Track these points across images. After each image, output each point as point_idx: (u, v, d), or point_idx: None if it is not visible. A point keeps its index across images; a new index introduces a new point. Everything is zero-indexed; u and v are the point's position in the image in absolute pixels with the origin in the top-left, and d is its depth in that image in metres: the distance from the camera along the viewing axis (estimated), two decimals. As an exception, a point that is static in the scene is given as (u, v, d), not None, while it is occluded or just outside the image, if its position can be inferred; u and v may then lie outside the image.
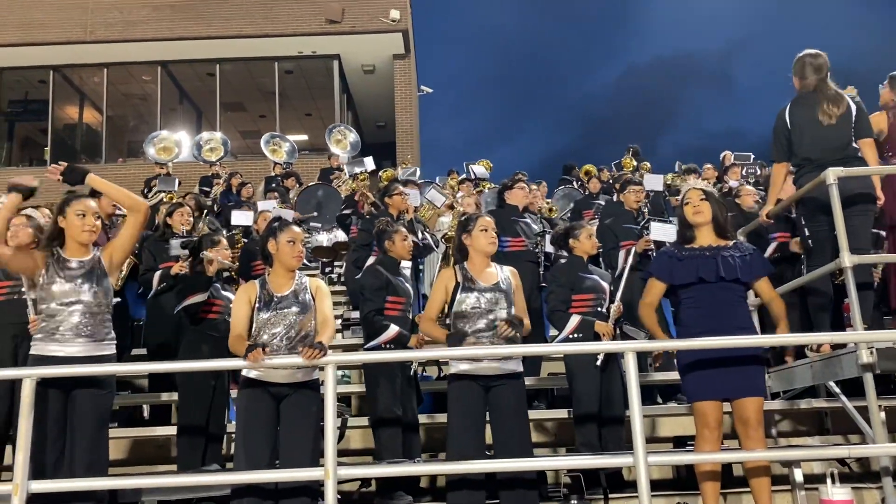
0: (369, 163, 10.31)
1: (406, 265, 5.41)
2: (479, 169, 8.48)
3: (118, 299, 5.88)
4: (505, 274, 4.00)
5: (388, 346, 4.73)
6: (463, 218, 4.26)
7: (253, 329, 3.73)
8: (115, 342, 3.77)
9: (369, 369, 4.86)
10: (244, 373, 3.70)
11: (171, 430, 5.20)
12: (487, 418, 3.84)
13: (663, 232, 5.67)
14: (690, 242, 3.75)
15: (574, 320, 4.71)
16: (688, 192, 3.79)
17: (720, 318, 3.58)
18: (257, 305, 3.74)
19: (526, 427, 3.86)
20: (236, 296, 3.91)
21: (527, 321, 3.94)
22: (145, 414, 6.16)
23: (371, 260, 5.51)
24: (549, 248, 6.12)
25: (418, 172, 11.50)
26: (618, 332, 4.96)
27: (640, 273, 5.67)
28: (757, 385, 3.58)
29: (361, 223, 6.76)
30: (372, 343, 4.79)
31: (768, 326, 5.35)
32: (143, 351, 6.29)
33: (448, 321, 3.98)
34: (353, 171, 10.05)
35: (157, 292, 5.79)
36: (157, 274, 5.73)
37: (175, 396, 5.35)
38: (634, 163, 11.53)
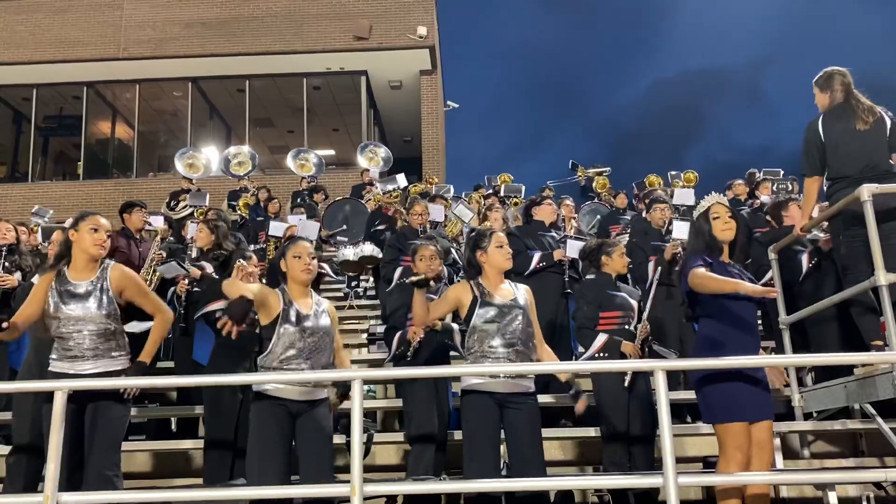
0: (401, 179, 10.37)
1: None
2: (465, 211, 8.34)
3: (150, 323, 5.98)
4: (521, 291, 3.97)
5: (601, 354, 4.69)
6: (473, 234, 4.20)
7: (274, 343, 3.71)
8: (129, 357, 3.80)
9: (405, 385, 4.86)
10: (255, 387, 3.69)
11: (198, 444, 5.23)
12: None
13: (687, 231, 5.64)
14: (718, 255, 3.68)
15: (601, 339, 4.67)
16: (714, 206, 3.70)
17: (740, 336, 3.52)
18: (281, 316, 3.71)
19: (541, 447, 3.82)
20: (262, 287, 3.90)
21: (541, 349, 3.94)
22: (173, 426, 6.21)
23: (397, 274, 5.51)
24: (570, 254, 6.02)
25: (452, 190, 11.53)
26: (645, 350, 4.90)
27: (668, 293, 5.63)
28: (772, 407, 3.55)
29: (389, 238, 6.79)
30: (587, 355, 4.77)
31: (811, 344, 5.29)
32: (171, 363, 6.35)
33: (467, 339, 3.96)
34: (385, 188, 10.11)
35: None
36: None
37: (203, 409, 5.38)
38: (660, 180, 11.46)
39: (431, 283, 3.83)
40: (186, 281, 5.62)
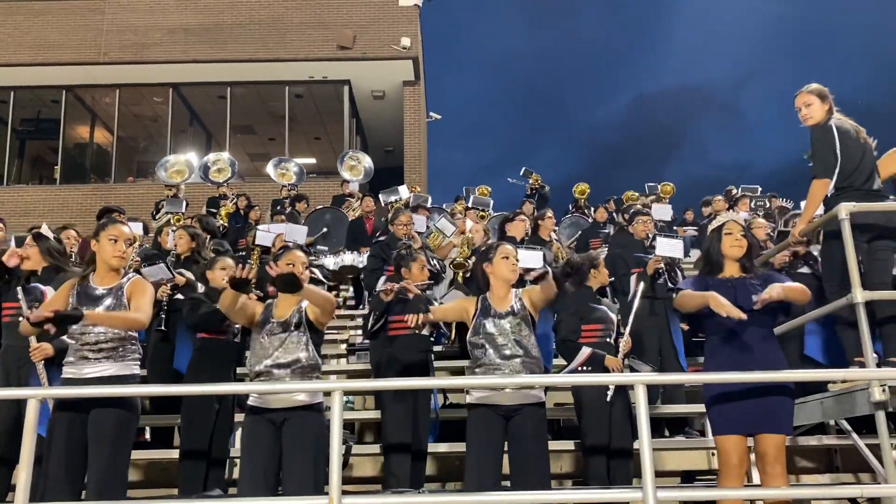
0: (403, 191, 10.36)
1: None
2: (447, 225, 8.34)
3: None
4: (519, 296, 3.97)
5: (584, 368, 4.71)
6: (484, 248, 4.25)
7: (252, 351, 3.75)
8: (140, 362, 3.80)
9: (382, 395, 4.84)
10: (248, 400, 3.73)
11: (173, 454, 5.15)
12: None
13: (669, 247, 5.70)
14: (717, 273, 3.68)
15: (584, 353, 4.68)
16: (728, 224, 3.68)
17: (748, 350, 3.50)
18: (259, 322, 3.78)
19: (543, 457, 3.80)
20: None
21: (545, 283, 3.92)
22: (147, 436, 6.12)
23: (380, 283, 5.49)
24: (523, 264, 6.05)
25: (430, 200, 11.53)
26: (624, 362, 4.92)
27: (649, 308, 5.66)
28: (780, 421, 3.48)
29: (372, 248, 6.77)
30: (570, 368, 4.78)
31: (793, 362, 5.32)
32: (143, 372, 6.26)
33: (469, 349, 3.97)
34: (387, 200, 10.08)
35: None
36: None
37: (178, 419, 5.31)
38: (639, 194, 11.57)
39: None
40: (169, 286, 5.55)
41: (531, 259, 5.71)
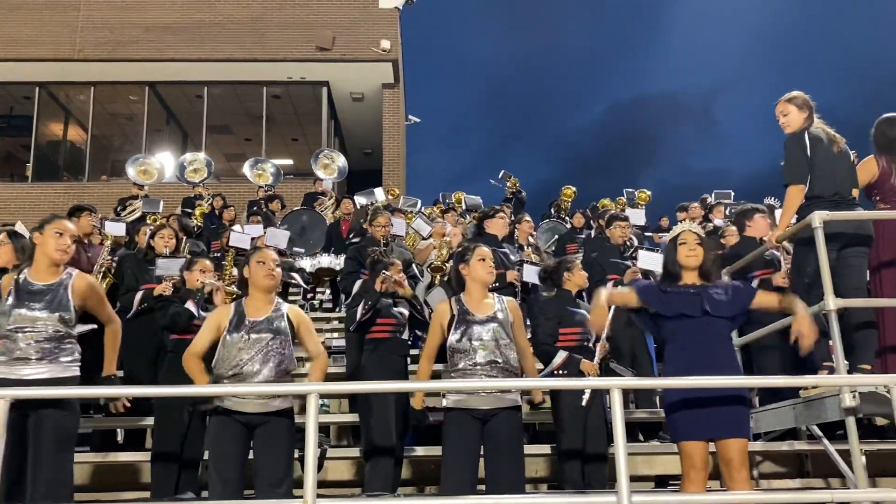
0: (379, 193, 10.32)
1: None
2: (423, 226, 8.33)
3: (94, 325, 5.80)
4: (503, 304, 3.96)
5: (560, 371, 4.72)
6: (460, 249, 4.24)
7: (219, 352, 3.67)
8: (80, 363, 3.71)
9: (361, 398, 4.81)
10: (215, 401, 3.63)
11: (145, 456, 5.08)
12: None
13: (651, 260, 5.71)
14: (676, 281, 3.74)
15: (561, 356, 4.69)
16: (683, 234, 3.74)
17: (704, 355, 3.55)
18: (227, 327, 3.69)
19: (519, 462, 3.80)
20: (208, 317, 3.86)
21: (528, 362, 3.93)
22: (119, 438, 6.03)
23: (357, 286, 5.46)
24: (527, 278, 6.07)
25: (420, 204, 11.52)
26: (602, 369, 4.94)
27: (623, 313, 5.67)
28: (741, 426, 3.54)
29: (349, 251, 6.72)
30: (546, 371, 4.78)
31: (754, 370, 5.38)
32: (120, 372, 6.17)
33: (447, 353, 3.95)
34: (363, 202, 10.04)
35: (137, 313, 5.70)
36: (139, 295, 5.64)
37: (151, 421, 5.24)
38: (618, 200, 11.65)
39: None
40: (170, 285, 5.46)
41: (652, 261, 5.67)
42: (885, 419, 5.24)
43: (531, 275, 5.92)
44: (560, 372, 4.69)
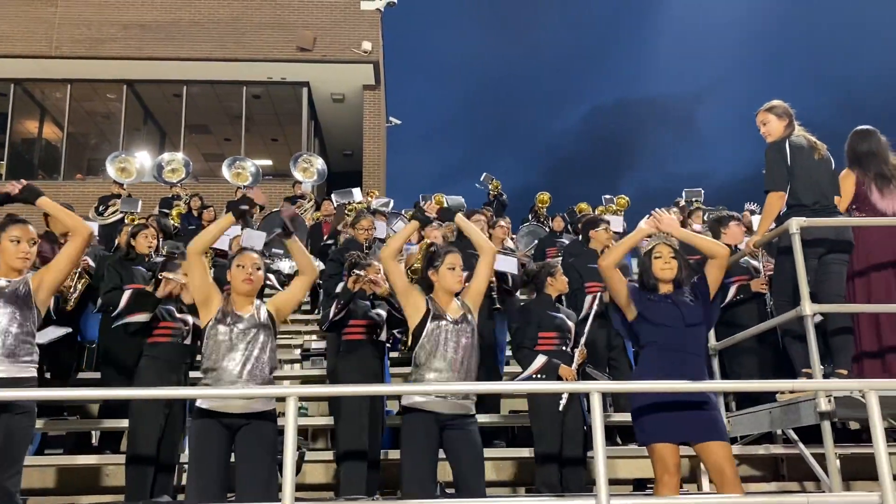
0: (357, 193, 10.27)
1: None
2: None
3: (68, 329, 5.71)
4: (466, 306, 3.94)
5: (538, 375, 4.69)
6: (431, 252, 4.18)
7: (206, 345, 3.63)
8: (36, 366, 3.61)
9: (336, 401, 4.78)
10: (197, 402, 3.59)
11: (119, 459, 5.02)
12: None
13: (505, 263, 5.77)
14: (652, 290, 3.79)
15: (539, 360, 4.70)
16: (657, 247, 3.79)
17: (679, 363, 3.59)
18: (216, 316, 3.64)
19: (482, 471, 3.79)
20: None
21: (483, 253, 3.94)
22: (94, 440, 5.96)
23: (339, 288, 5.43)
24: (499, 267, 6.03)
25: (391, 203, 11.50)
26: (580, 374, 4.96)
27: (600, 320, 5.70)
28: (721, 430, 3.58)
29: (332, 253, 6.68)
30: (524, 375, 4.76)
31: (730, 374, 5.42)
32: (96, 374, 6.10)
33: (414, 352, 3.90)
34: (341, 201, 9.98)
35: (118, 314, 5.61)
36: (127, 294, 5.55)
37: (126, 423, 5.18)
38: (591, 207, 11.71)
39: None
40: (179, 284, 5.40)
41: (506, 264, 5.70)
42: (860, 423, 5.32)
43: (504, 264, 5.90)
44: (538, 376, 4.70)
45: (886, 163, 4.72)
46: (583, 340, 4.89)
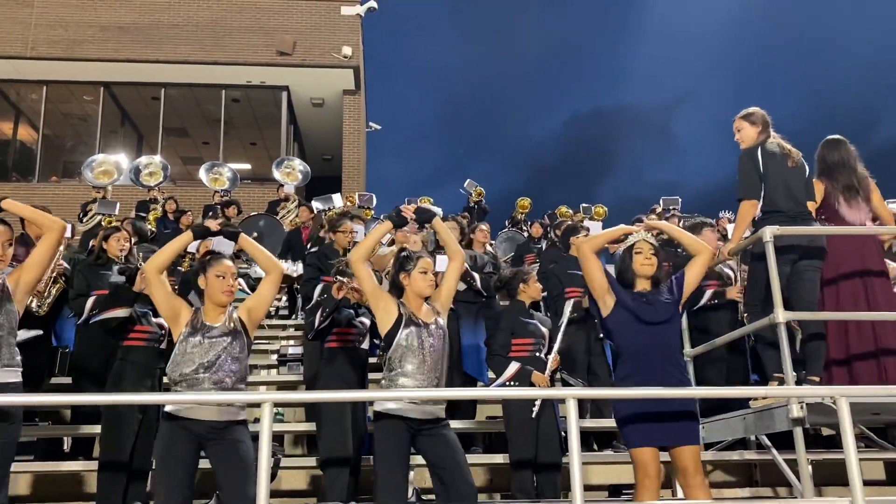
0: (337, 199, 10.25)
1: None
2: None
3: (39, 332, 5.63)
4: (436, 309, 3.95)
5: (512, 382, 4.70)
6: (402, 256, 4.17)
7: (175, 355, 3.59)
8: (21, 369, 3.51)
9: (318, 406, 4.75)
10: (166, 408, 3.55)
11: (91, 465, 4.96)
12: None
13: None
14: (629, 287, 3.82)
15: (513, 367, 4.71)
16: (639, 243, 3.84)
17: (657, 362, 3.63)
18: (185, 330, 3.60)
19: (469, 472, 3.78)
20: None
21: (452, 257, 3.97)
22: (66, 447, 5.87)
23: (317, 292, 5.42)
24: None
25: (374, 200, 11.51)
26: (555, 380, 4.98)
27: (578, 325, 5.73)
28: (694, 433, 3.63)
29: (308, 257, 6.66)
30: (498, 382, 4.76)
31: (702, 380, 5.47)
32: (68, 379, 6.02)
33: (386, 356, 3.89)
34: (321, 207, 9.95)
35: (87, 319, 5.54)
36: (91, 300, 5.50)
37: (99, 429, 5.11)
38: (571, 211, 11.78)
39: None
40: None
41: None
42: (831, 430, 5.38)
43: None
44: (511, 383, 4.71)
45: (855, 173, 4.79)
46: (556, 347, 4.90)
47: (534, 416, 4.60)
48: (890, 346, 4.47)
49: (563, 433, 4.68)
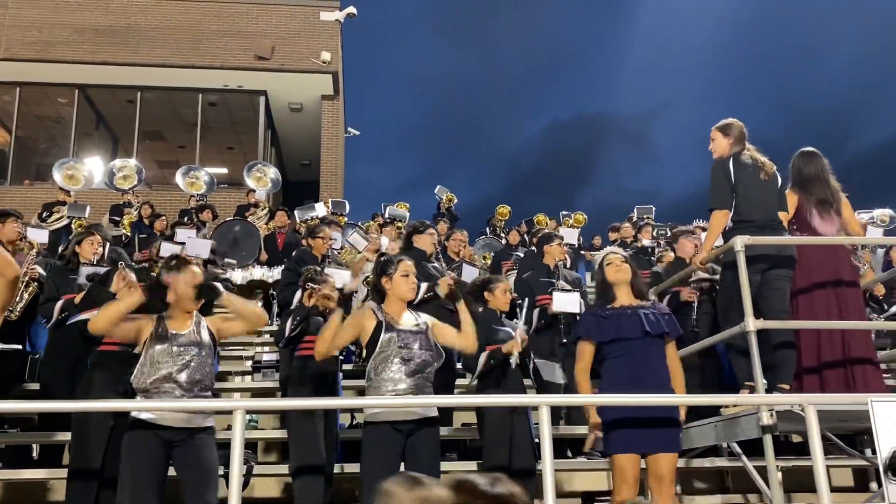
0: (320, 208, 10.21)
1: None
2: (359, 240, 8.28)
3: (18, 346, 5.56)
4: (423, 319, 3.96)
5: (490, 363, 4.71)
6: (383, 260, 4.18)
7: (141, 365, 3.56)
8: None
9: (290, 414, 4.72)
10: (134, 414, 3.52)
11: (61, 473, 4.88)
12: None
13: (564, 302, 5.79)
14: (611, 302, 3.86)
15: (482, 357, 4.68)
16: (607, 256, 3.95)
17: (643, 373, 3.67)
18: (150, 339, 3.58)
19: (439, 476, 3.79)
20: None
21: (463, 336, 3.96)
22: (35, 454, 5.79)
23: (297, 298, 5.39)
24: (468, 277, 6.08)
25: (347, 206, 11.50)
26: (528, 362, 5.02)
27: (542, 331, 5.77)
28: (674, 441, 3.67)
29: (287, 262, 6.63)
30: (477, 373, 4.77)
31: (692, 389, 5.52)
32: (37, 386, 5.94)
33: (369, 364, 3.88)
34: (303, 217, 9.91)
35: (57, 324, 5.48)
36: (59, 304, 5.43)
37: (69, 436, 5.04)
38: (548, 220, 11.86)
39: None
40: None
41: (569, 303, 5.72)
42: (801, 436, 5.45)
43: (472, 274, 5.96)
44: (490, 362, 4.71)
45: (828, 185, 4.87)
46: (523, 324, 4.88)
47: (513, 367, 4.60)
48: (859, 355, 4.54)
49: (536, 440, 4.69)
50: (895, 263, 8.12)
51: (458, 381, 6.46)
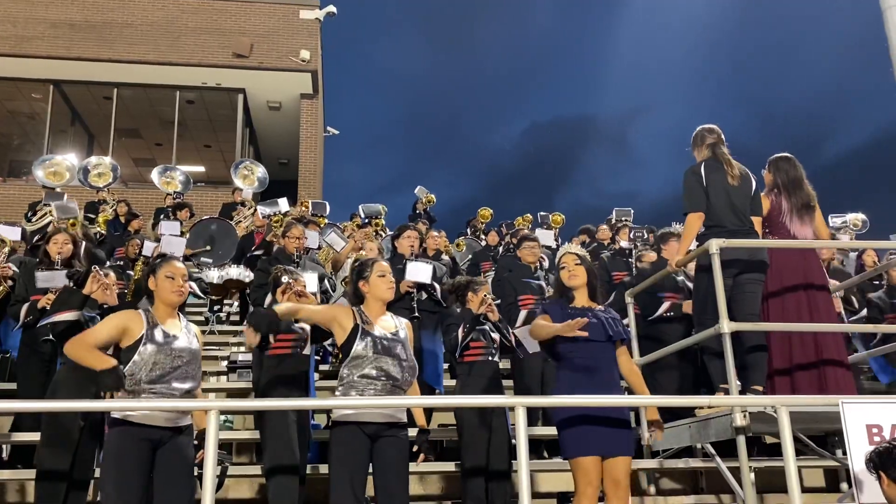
0: (283, 203, 10.13)
1: None
2: (337, 240, 8.21)
3: None
4: (402, 324, 3.95)
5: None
6: (358, 263, 4.15)
7: (134, 364, 3.50)
8: None
9: (262, 414, 4.68)
10: (116, 414, 3.47)
11: (30, 474, 4.81)
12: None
13: (418, 271, 5.88)
14: (571, 302, 3.89)
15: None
16: (563, 257, 3.94)
17: (599, 375, 3.70)
18: (142, 339, 3.50)
19: (407, 481, 3.78)
20: (112, 315, 3.62)
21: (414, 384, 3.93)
22: (4, 454, 5.70)
23: (269, 299, 5.35)
24: (411, 277, 6.05)
25: (328, 208, 11.45)
26: (513, 339, 5.08)
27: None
28: (630, 445, 3.72)
29: (259, 263, 6.57)
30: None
31: (651, 389, 5.56)
32: (12, 385, 5.85)
33: (342, 367, 3.86)
34: (266, 213, 9.82)
35: (25, 325, 5.39)
36: (25, 306, 5.34)
37: (38, 436, 4.96)
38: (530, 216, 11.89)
39: None
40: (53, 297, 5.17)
41: (420, 272, 5.74)
42: (774, 437, 5.51)
43: (417, 272, 5.92)
44: (467, 331, 4.78)
45: (808, 190, 4.94)
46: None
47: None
48: (830, 357, 4.60)
49: (513, 441, 4.70)
50: (867, 267, 8.23)
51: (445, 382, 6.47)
